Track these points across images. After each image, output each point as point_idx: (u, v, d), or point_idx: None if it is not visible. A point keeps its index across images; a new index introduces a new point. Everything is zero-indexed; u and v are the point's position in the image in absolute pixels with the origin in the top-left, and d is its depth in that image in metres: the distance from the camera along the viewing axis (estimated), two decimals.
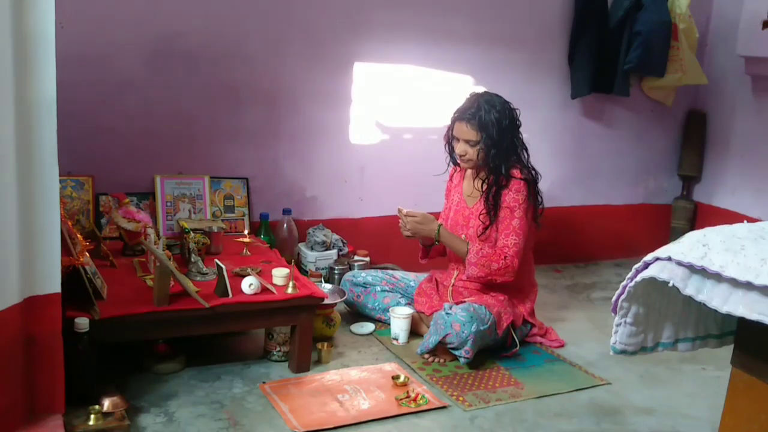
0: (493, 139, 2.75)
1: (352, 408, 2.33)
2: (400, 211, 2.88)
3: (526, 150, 2.87)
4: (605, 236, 4.30)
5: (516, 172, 2.79)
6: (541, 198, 2.86)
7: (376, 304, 3.04)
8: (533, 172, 2.84)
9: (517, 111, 2.84)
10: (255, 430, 2.18)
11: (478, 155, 2.79)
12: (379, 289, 3.07)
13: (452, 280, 2.97)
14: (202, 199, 3.15)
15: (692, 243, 1.56)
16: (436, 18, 3.61)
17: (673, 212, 4.45)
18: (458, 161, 2.90)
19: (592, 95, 4.00)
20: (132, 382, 2.39)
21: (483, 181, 2.83)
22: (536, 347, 2.93)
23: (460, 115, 2.80)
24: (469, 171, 2.94)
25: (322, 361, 2.65)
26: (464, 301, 2.78)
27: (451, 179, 3.07)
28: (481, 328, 2.63)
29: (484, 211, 2.81)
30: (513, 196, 2.76)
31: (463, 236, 2.88)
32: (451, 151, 2.92)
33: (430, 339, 2.69)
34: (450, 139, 2.89)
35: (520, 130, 2.85)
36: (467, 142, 2.79)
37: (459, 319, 2.61)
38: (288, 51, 3.34)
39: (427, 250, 3.02)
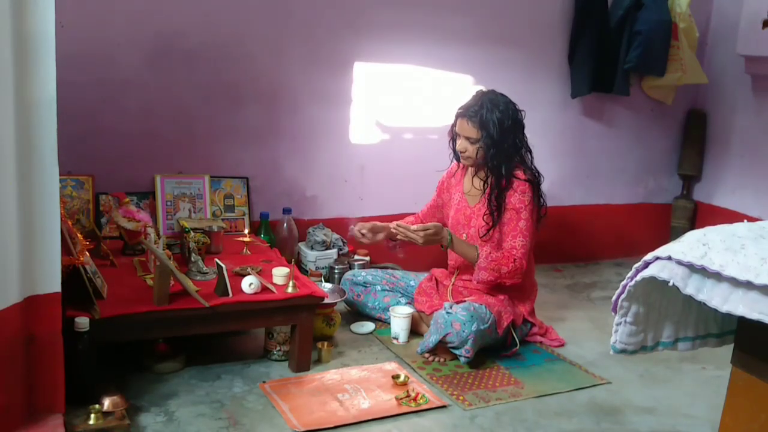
0: (493, 139, 2.75)
1: (352, 407, 2.33)
2: (403, 227, 2.78)
3: (530, 152, 2.87)
4: (605, 236, 4.30)
5: (519, 174, 2.79)
6: (544, 200, 2.87)
7: (377, 303, 3.04)
8: (537, 173, 2.84)
9: (523, 113, 2.84)
10: (255, 429, 2.18)
11: (477, 153, 2.80)
12: (379, 288, 3.07)
13: (452, 279, 2.97)
14: (202, 198, 3.15)
15: (692, 242, 1.56)
16: (436, 17, 3.61)
17: (673, 212, 4.45)
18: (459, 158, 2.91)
19: (592, 94, 4.00)
20: (132, 382, 2.39)
21: (483, 181, 2.84)
22: (536, 346, 2.93)
23: (463, 112, 2.81)
24: (470, 168, 2.94)
25: (322, 361, 2.65)
26: (464, 300, 2.78)
27: (451, 177, 3.06)
28: (482, 327, 2.63)
29: (487, 212, 2.81)
30: (519, 198, 2.77)
31: (464, 236, 2.89)
32: (454, 147, 2.93)
33: (431, 338, 2.69)
34: (453, 135, 2.90)
35: (525, 131, 2.85)
36: (467, 139, 2.80)
37: (459, 318, 2.62)
38: (288, 51, 3.34)
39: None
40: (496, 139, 2.75)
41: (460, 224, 2.92)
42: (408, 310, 2.92)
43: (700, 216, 4.37)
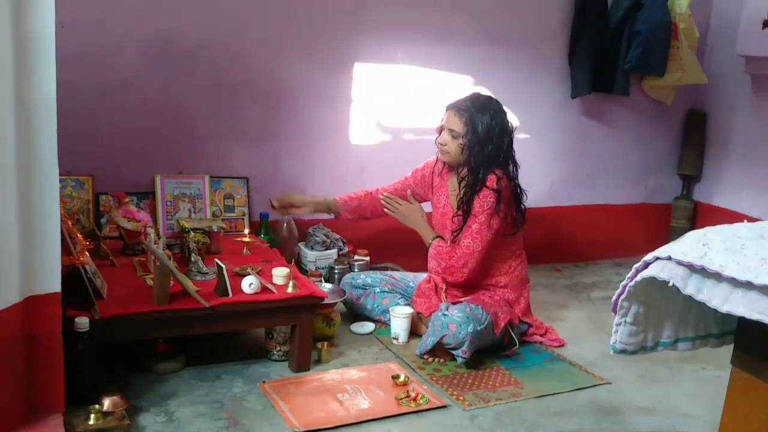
0: (478, 139, 2.75)
1: (352, 407, 2.33)
2: (392, 199, 3.05)
3: (516, 165, 2.84)
4: (605, 236, 4.30)
5: (490, 182, 2.75)
6: (523, 213, 2.85)
7: (375, 305, 3.04)
8: (517, 187, 2.81)
9: (512, 125, 2.83)
10: (255, 429, 2.18)
11: (456, 150, 2.80)
12: (378, 290, 3.07)
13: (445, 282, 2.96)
14: (202, 198, 3.15)
15: (692, 242, 1.56)
16: (436, 17, 3.61)
17: (673, 212, 4.45)
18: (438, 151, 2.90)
19: (592, 94, 4.00)
20: (132, 382, 2.39)
21: (462, 179, 2.83)
22: (536, 347, 2.93)
23: (454, 105, 2.84)
24: (453, 172, 2.93)
25: (322, 361, 2.65)
26: (461, 301, 2.77)
27: (437, 175, 3.03)
28: (478, 328, 2.62)
29: (459, 214, 2.81)
30: (480, 203, 2.76)
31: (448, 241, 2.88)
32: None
33: (428, 340, 2.69)
34: (440, 130, 2.90)
35: (513, 146, 2.83)
36: (451, 131, 2.81)
37: (455, 320, 2.61)
38: (288, 51, 3.34)
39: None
40: (481, 140, 2.75)
41: (446, 228, 2.90)
42: (408, 310, 2.92)
43: (700, 216, 4.37)
